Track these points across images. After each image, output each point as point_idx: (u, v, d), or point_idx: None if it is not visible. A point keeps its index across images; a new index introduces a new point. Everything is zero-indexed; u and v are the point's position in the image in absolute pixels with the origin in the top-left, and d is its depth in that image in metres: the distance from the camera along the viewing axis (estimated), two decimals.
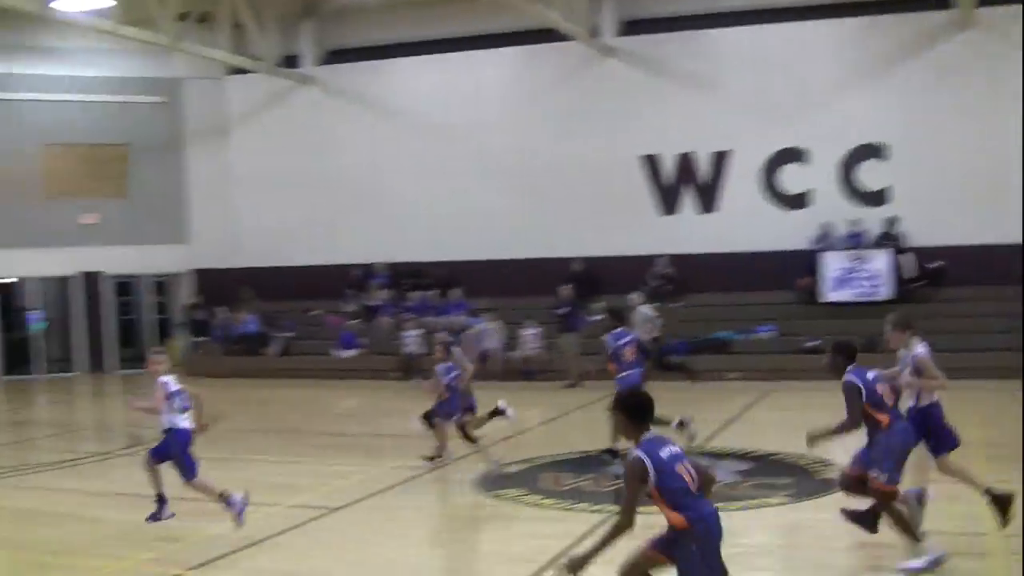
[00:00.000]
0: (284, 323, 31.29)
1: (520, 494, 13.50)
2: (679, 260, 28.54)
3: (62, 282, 33.43)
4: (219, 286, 32.73)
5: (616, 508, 7.15)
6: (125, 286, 34.99)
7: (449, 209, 30.47)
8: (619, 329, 16.53)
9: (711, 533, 7.07)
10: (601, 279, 28.65)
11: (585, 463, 15.67)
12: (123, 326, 34.80)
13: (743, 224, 28.05)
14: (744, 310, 27.69)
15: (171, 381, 12.29)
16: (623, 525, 6.95)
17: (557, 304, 26.97)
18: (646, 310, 25.43)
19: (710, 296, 28.27)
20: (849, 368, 9.95)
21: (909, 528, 9.72)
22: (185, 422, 12.36)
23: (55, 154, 32.17)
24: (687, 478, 7.01)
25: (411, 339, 27.81)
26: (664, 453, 7.00)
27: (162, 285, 34.91)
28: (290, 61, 32.95)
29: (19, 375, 31.94)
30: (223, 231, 33.55)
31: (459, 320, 28.49)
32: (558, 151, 29.74)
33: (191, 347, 32.71)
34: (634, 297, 25.80)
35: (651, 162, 29.37)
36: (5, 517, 14.22)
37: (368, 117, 31.98)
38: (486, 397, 16.88)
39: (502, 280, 29.02)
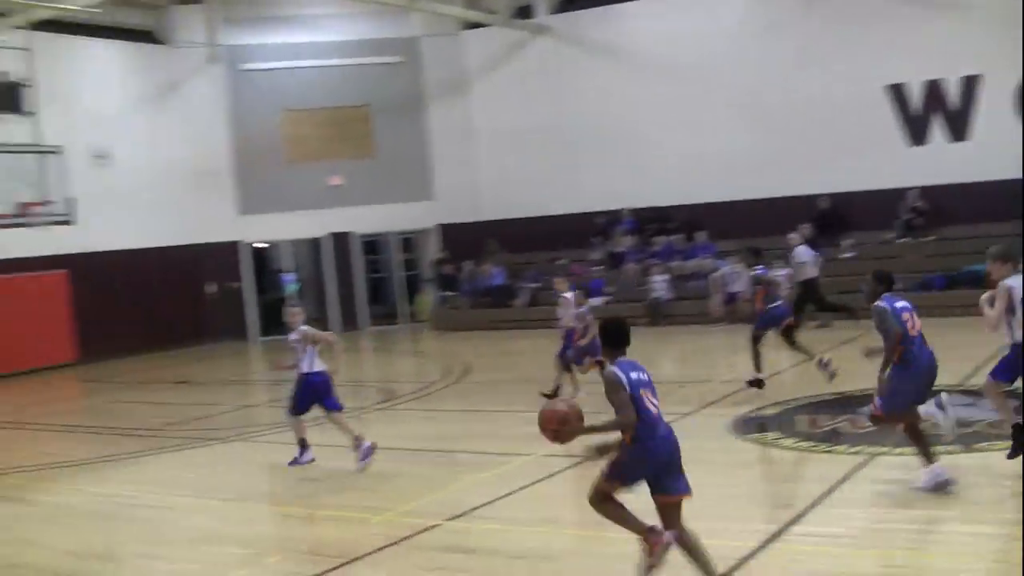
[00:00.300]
0: (530, 274, 31.38)
1: (776, 437, 13.17)
2: (930, 192, 27.42)
3: (313, 243, 34.29)
4: (464, 240, 33.04)
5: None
6: (373, 244, 35.70)
7: (690, 151, 29.91)
8: (759, 267, 17.46)
9: (664, 450, 7.83)
10: (848, 216, 27.85)
11: (840, 404, 15.20)
12: (372, 284, 35.53)
13: (996, 151, 26.68)
14: (1000, 241, 26.35)
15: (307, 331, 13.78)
16: (629, 420, 7.68)
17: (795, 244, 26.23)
18: (802, 251, 24.52)
19: (963, 228, 27.07)
20: (884, 295, 10.64)
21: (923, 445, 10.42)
22: (318, 366, 13.72)
23: (295, 119, 32.92)
24: (648, 403, 7.80)
25: (658, 284, 27.53)
26: (633, 375, 7.85)
27: (409, 242, 35.46)
28: (524, 12, 32.87)
29: (276, 335, 32.88)
30: (466, 185, 33.83)
31: (706, 263, 28.10)
32: (798, 85, 28.82)
33: (439, 302, 33.16)
34: (794, 237, 25.05)
35: (897, 91, 28.28)
36: (264, 472, 14.61)
37: (604, 63, 31.67)
38: (737, 340, 16.53)
39: (747, 220, 28.32)
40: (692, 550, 7.71)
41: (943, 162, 27.45)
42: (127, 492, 13.28)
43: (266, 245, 34.85)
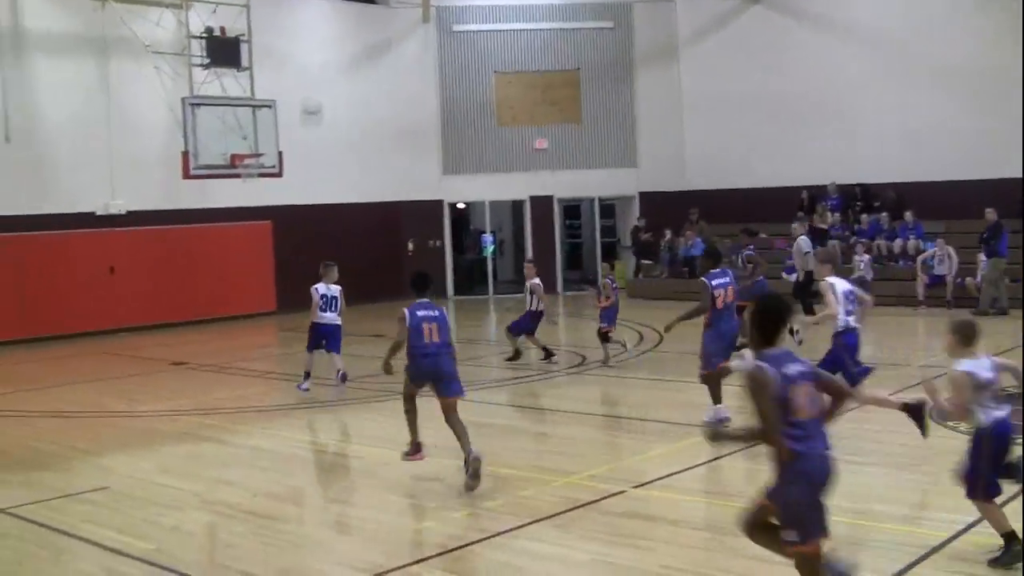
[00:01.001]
0: (731, 246, 30.96)
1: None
2: None
3: (514, 206, 34.51)
4: (665, 209, 32.81)
5: None
6: (573, 209, 35.76)
7: (901, 126, 29.05)
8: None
9: (819, 475, 6.55)
10: None
11: None
12: (570, 249, 35.61)
13: None
14: None
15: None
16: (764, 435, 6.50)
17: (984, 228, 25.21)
18: (803, 242, 23.85)
19: None
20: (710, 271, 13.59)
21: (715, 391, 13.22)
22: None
23: (504, 82, 33.13)
24: (800, 406, 6.48)
25: (863, 263, 26.89)
26: (788, 370, 6.53)
27: (609, 208, 35.38)
28: None
29: (471, 295, 33.26)
30: (670, 154, 33.61)
31: (911, 244, 27.34)
32: (1019, 60, 27.68)
33: (636, 269, 33.04)
34: (795, 227, 24.92)
35: None
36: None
37: (817, 33, 30.98)
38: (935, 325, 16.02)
39: (956, 202, 27.39)
40: None
41: None
42: (319, 439, 13.58)
43: (465, 205, 35.18)
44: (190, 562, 8.72)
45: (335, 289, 17.11)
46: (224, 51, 24.63)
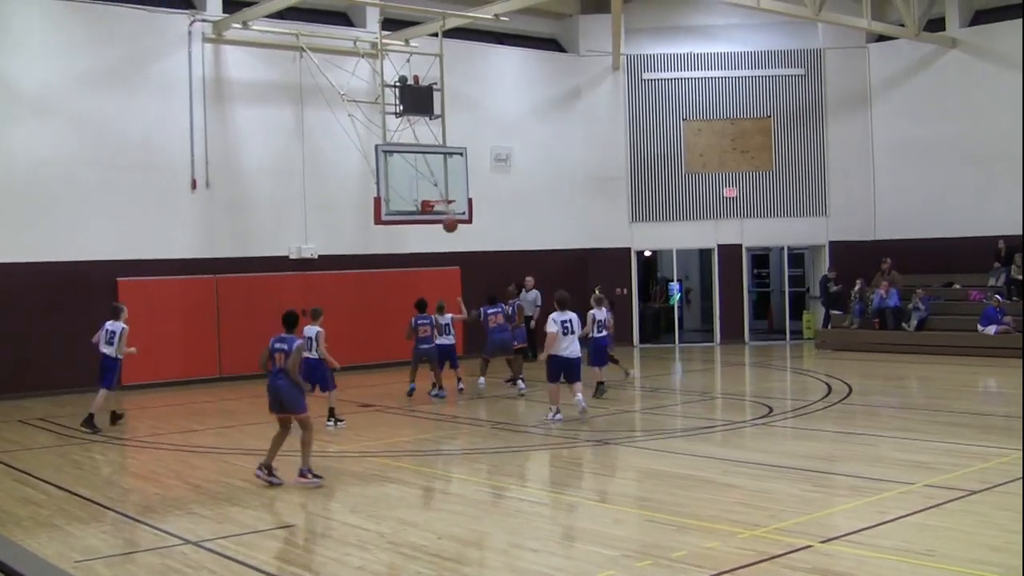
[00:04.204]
0: (924, 297, 30.32)
1: None
2: None
3: (702, 254, 34.36)
4: (855, 259, 32.28)
5: None
6: (762, 258, 35.44)
7: None
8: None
9: None
10: None
11: None
12: (758, 298, 35.29)
13: None
14: None
15: None
16: None
17: None
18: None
19: None
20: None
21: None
22: None
23: (694, 129, 33.08)
24: None
25: None
26: None
27: (798, 257, 34.96)
28: (934, 24, 31.76)
29: (657, 343, 33.16)
30: (862, 202, 33.14)
31: None
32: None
33: (826, 320, 32.53)
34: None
35: None
36: (642, 477, 14.70)
37: (1014, 77, 30.12)
38: None
39: None
40: None
41: None
42: (500, 483, 13.61)
43: (652, 253, 35.13)
44: None
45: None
46: (417, 99, 25.12)
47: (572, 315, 18.70)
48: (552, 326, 18.39)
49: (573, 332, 18.63)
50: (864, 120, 33.48)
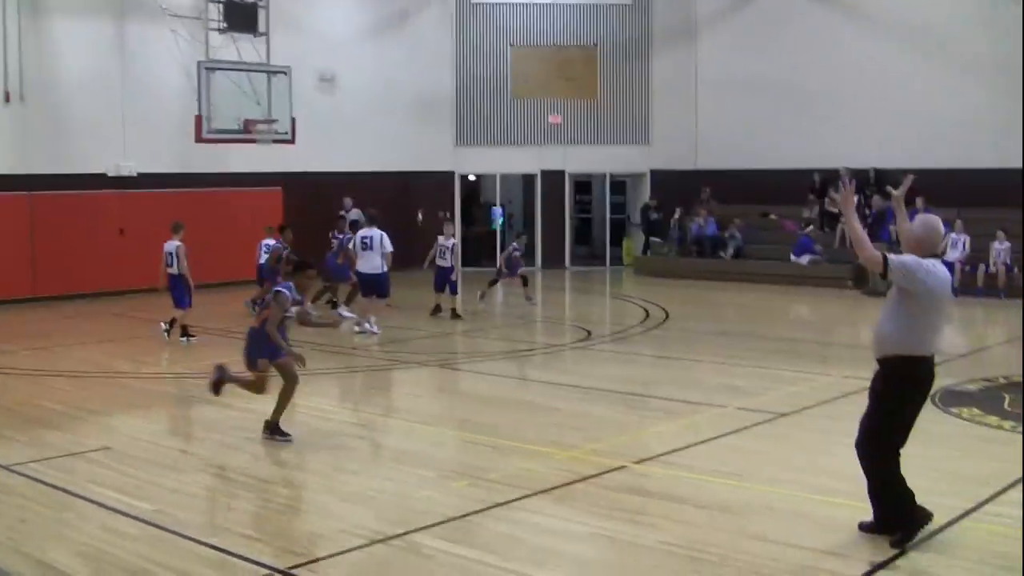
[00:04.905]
0: (741, 226, 31.00)
1: (978, 414, 12.77)
2: None
3: (525, 179, 34.54)
4: (676, 188, 32.75)
5: None
6: (584, 185, 35.76)
7: (919, 113, 28.90)
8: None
9: None
10: None
11: None
12: (579, 224, 35.65)
13: None
14: None
15: None
16: None
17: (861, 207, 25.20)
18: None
19: None
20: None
21: None
22: None
23: (521, 56, 33.07)
24: None
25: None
26: None
27: (620, 185, 35.37)
28: None
29: (478, 267, 33.30)
30: (684, 133, 33.57)
31: None
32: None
33: (645, 247, 33.04)
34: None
35: None
36: (463, 400, 14.83)
37: (838, 16, 30.79)
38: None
39: (970, 189, 27.33)
40: None
41: None
42: (323, 407, 13.61)
43: (477, 178, 35.17)
44: (190, 524, 8.74)
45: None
46: (241, 16, 24.67)
47: (375, 232, 19.36)
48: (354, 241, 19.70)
49: (371, 248, 19.43)
50: (689, 53, 33.83)
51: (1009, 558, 7.89)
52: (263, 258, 21.78)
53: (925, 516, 8.15)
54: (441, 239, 21.93)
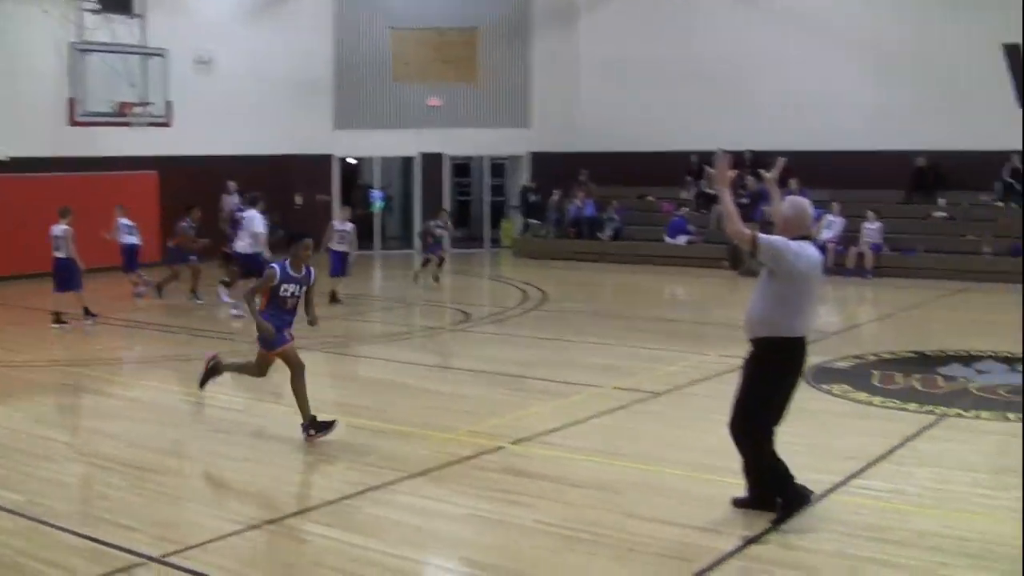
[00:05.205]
0: (618, 208, 31.27)
1: (849, 390, 13.08)
2: None
3: (404, 162, 34.47)
4: (555, 170, 32.86)
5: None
6: (464, 168, 35.80)
7: (795, 95, 29.32)
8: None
9: None
10: (945, 175, 27.50)
11: (918, 363, 15.08)
12: (459, 207, 35.67)
13: None
14: None
15: None
16: None
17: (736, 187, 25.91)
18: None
19: None
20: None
21: None
22: None
23: (402, 38, 32.95)
24: None
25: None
26: None
27: (499, 167, 35.47)
28: None
29: (358, 250, 33.14)
30: (563, 115, 33.65)
31: None
32: (915, 37, 28.04)
33: (524, 229, 33.19)
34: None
35: (1013, 51, 27.50)
36: (341, 383, 14.82)
37: (716, 0, 31.23)
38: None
39: (844, 171, 27.89)
40: None
41: None
42: (197, 391, 13.50)
43: (356, 161, 35.01)
44: (63, 514, 8.64)
45: None
46: None
47: (249, 213, 19.78)
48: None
49: (243, 228, 19.76)
50: (569, 35, 33.93)
51: (876, 529, 8.13)
52: (126, 238, 21.60)
53: (803, 496, 8.33)
54: (336, 223, 21.82)
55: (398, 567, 7.53)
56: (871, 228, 26.43)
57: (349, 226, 21.86)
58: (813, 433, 10.76)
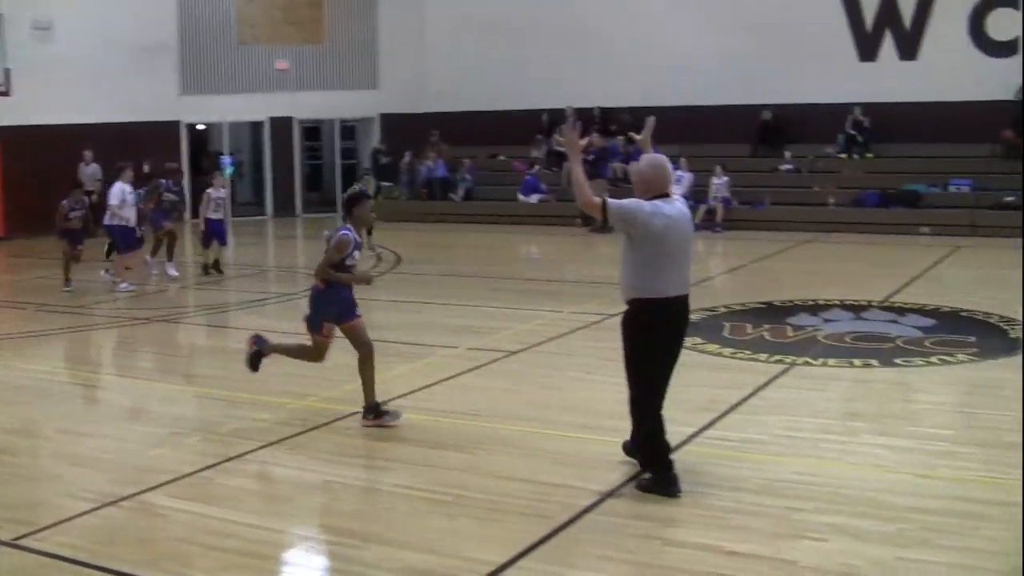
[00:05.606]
0: (470, 168, 31.29)
1: (700, 343, 13.29)
2: (876, 109, 27.48)
3: (253, 127, 34.01)
4: (407, 131, 32.72)
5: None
6: (314, 131, 35.47)
7: (643, 53, 29.61)
8: None
9: None
10: (792, 128, 28.07)
11: (767, 314, 15.40)
12: (310, 171, 35.36)
13: (945, 72, 26.71)
14: (940, 162, 26.61)
15: None
16: None
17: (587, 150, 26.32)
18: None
19: (905, 147, 27.20)
20: None
21: None
22: None
23: (249, 0, 32.41)
24: None
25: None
26: None
27: (350, 130, 35.22)
28: None
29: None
30: (413, 76, 33.49)
31: None
32: None
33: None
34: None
35: (852, 5, 28.21)
36: (195, 354, 14.64)
37: None
38: None
39: (691, 127, 28.26)
40: None
41: (891, 80, 27.45)
42: (50, 368, 13.24)
43: (205, 127, 34.43)
44: None
45: None
46: None
47: (117, 186, 19.27)
48: None
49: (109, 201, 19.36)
50: None
51: (730, 479, 8.32)
52: None
53: (671, 488, 8.07)
54: (211, 191, 21.18)
55: (258, 537, 7.47)
56: (719, 183, 26.87)
57: (224, 192, 21.42)
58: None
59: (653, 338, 8.07)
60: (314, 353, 10.41)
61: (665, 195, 8.05)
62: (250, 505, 8.11)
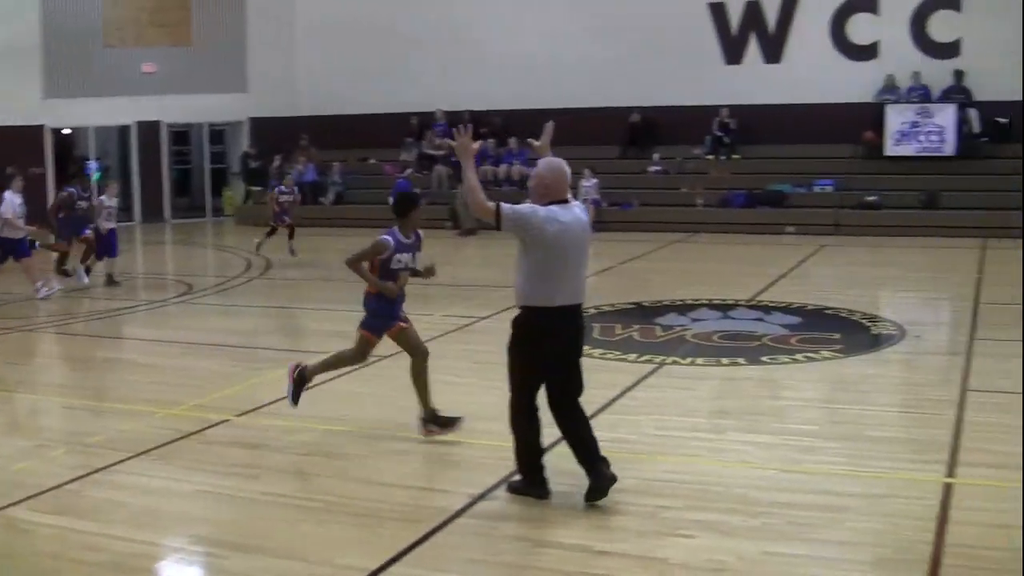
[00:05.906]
0: (341, 171, 31.16)
1: None
2: (742, 111, 28.01)
3: (120, 131, 33.47)
4: (276, 135, 32.48)
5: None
6: (182, 135, 35.03)
7: (513, 55, 29.87)
8: None
9: None
10: (660, 130, 28.45)
11: (636, 314, 15.59)
12: (179, 176, 34.93)
13: (808, 75, 27.35)
14: (805, 163, 27.19)
15: None
16: None
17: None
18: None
19: (771, 148, 27.75)
20: None
21: None
22: None
23: (113, 2, 31.87)
24: None
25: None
26: None
27: (219, 134, 34.86)
28: None
29: None
30: (281, 79, 33.29)
31: (517, 169, 28.34)
32: None
33: (245, 196, 32.74)
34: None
35: (718, 9, 28.70)
36: (63, 364, 14.38)
37: None
38: None
39: (560, 129, 28.34)
40: None
41: (757, 83, 27.99)
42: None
43: (70, 131, 33.79)
44: None
45: None
46: None
47: (8, 195, 18.47)
48: None
49: None
50: None
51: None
52: None
53: (541, 492, 8.07)
54: (104, 199, 20.58)
55: (127, 550, 7.35)
56: (588, 185, 27.06)
57: (115, 201, 20.87)
58: None
59: (541, 346, 7.95)
60: (357, 355, 10.21)
61: (563, 201, 7.99)
62: (120, 517, 7.97)
